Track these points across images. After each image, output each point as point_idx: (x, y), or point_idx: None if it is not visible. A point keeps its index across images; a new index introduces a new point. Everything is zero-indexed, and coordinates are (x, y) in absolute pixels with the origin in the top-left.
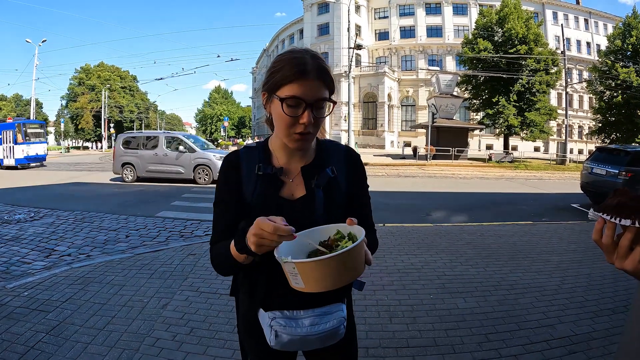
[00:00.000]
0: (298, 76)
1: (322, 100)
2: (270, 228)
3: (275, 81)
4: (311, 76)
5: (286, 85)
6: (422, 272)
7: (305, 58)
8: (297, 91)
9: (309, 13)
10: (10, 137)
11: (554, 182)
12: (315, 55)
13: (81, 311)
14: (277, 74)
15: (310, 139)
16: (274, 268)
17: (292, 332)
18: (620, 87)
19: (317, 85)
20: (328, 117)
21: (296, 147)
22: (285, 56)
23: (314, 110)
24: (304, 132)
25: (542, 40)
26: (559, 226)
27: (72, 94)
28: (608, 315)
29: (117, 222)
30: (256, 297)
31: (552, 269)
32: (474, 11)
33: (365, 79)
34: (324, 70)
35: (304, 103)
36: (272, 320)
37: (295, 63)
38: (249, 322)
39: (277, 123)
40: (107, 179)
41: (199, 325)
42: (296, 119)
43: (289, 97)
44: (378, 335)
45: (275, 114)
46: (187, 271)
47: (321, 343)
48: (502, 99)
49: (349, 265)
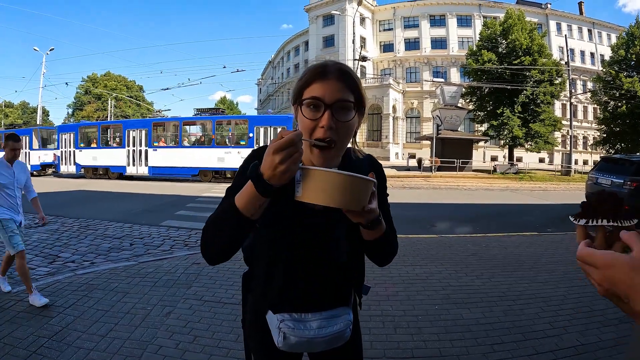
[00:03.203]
0: (317, 77)
1: (344, 102)
2: (292, 137)
3: (298, 88)
4: (331, 76)
5: (307, 88)
6: (427, 282)
7: (326, 62)
8: (316, 92)
9: (314, 25)
10: (27, 143)
11: (559, 193)
12: (338, 62)
13: (84, 317)
14: (301, 80)
15: (332, 154)
16: (291, 267)
17: (300, 334)
18: (625, 96)
19: (338, 87)
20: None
21: (317, 154)
22: (310, 65)
23: (334, 112)
24: (324, 140)
25: (546, 51)
26: (565, 236)
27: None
28: (615, 325)
29: (121, 230)
30: (268, 297)
31: (558, 279)
32: (478, 23)
33: (370, 90)
34: (346, 73)
35: (322, 104)
36: (280, 322)
37: (316, 66)
38: (257, 322)
39: (302, 131)
40: (113, 187)
41: (202, 333)
42: (316, 123)
43: (308, 98)
44: (383, 346)
45: (300, 122)
46: (191, 280)
47: (327, 345)
48: (506, 110)
49: (349, 190)
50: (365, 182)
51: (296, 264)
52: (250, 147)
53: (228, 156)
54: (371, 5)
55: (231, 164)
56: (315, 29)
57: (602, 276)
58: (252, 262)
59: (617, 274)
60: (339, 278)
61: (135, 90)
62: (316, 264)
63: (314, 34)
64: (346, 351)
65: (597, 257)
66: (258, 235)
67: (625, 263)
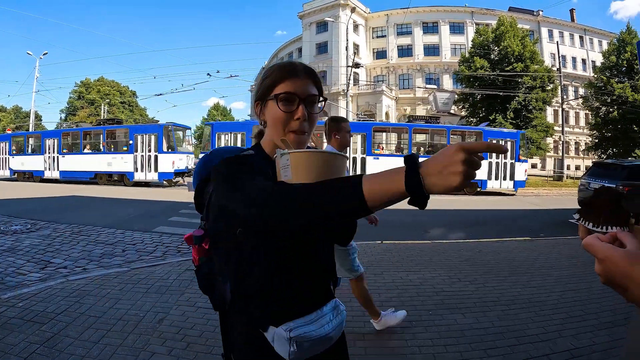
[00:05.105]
0: (289, 75)
1: (313, 96)
2: (483, 146)
3: (267, 85)
4: (301, 74)
5: (278, 85)
6: (421, 288)
7: (293, 62)
8: (289, 87)
9: (307, 32)
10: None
11: (551, 199)
12: (301, 62)
13: (76, 324)
14: (268, 78)
15: (305, 138)
16: (287, 273)
17: (314, 335)
18: (616, 102)
19: (307, 83)
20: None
21: (294, 143)
22: (273, 66)
23: (307, 105)
24: (299, 130)
25: (537, 57)
26: (557, 241)
27: (72, 108)
28: (608, 328)
29: (113, 236)
30: (267, 312)
31: (551, 284)
32: (470, 30)
33: (363, 97)
34: (312, 71)
35: (297, 98)
36: (289, 332)
37: (284, 65)
38: (255, 343)
39: (272, 125)
40: (105, 193)
41: (195, 340)
42: (291, 115)
43: (283, 93)
44: (377, 352)
45: (270, 116)
46: (183, 286)
47: (336, 336)
48: (499, 117)
49: (332, 166)
50: (344, 158)
51: (292, 269)
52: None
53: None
54: (364, 13)
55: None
56: (308, 36)
57: (601, 268)
58: (240, 280)
59: (614, 266)
60: (325, 273)
61: (129, 95)
62: (307, 263)
63: (307, 40)
64: (338, 348)
65: (597, 249)
66: (247, 248)
67: (622, 256)
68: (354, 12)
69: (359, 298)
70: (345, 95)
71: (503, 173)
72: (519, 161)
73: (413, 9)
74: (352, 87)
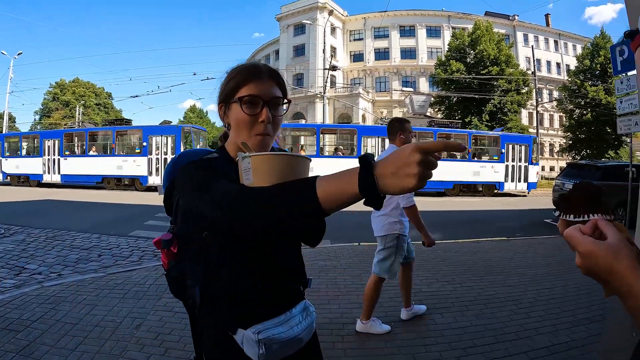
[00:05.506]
0: (253, 77)
1: (277, 98)
2: (440, 145)
3: (230, 88)
4: (265, 77)
5: (242, 87)
6: (399, 289)
7: (257, 63)
8: (253, 90)
9: (285, 34)
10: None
11: (527, 199)
12: (265, 64)
13: (52, 331)
14: (232, 81)
15: (270, 138)
16: (256, 274)
17: (285, 336)
18: (590, 105)
19: (271, 85)
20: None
21: (258, 146)
22: (236, 67)
23: (271, 108)
24: (264, 133)
25: (513, 61)
26: (533, 241)
27: (46, 109)
28: (585, 324)
29: (89, 240)
30: (235, 314)
31: (527, 282)
32: (447, 34)
33: (340, 99)
34: (276, 73)
35: (261, 101)
36: (257, 334)
37: (248, 67)
38: (224, 346)
39: (236, 127)
40: (81, 197)
41: (173, 345)
42: (255, 118)
43: (247, 96)
44: (356, 353)
45: (234, 119)
46: (160, 291)
47: (307, 337)
48: (474, 119)
49: (294, 169)
50: (307, 160)
51: (258, 271)
52: None
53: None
54: (342, 15)
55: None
56: (286, 38)
57: (582, 262)
58: (208, 283)
59: (596, 260)
60: (293, 274)
61: (104, 97)
62: (273, 265)
63: (284, 43)
64: (311, 349)
65: (578, 242)
66: (214, 251)
67: (604, 251)
68: (332, 15)
69: (401, 282)
70: (322, 98)
71: (518, 175)
72: (531, 164)
73: (390, 12)
74: (329, 89)
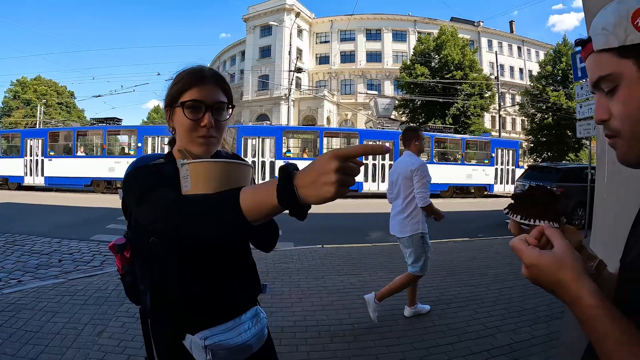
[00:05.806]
0: (196, 82)
1: (221, 103)
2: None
3: (174, 92)
4: (208, 81)
5: (186, 92)
6: (362, 291)
7: (202, 67)
8: (196, 95)
9: (251, 35)
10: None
11: (488, 200)
12: (211, 68)
13: (12, 340)
14: (176, 85)
15: (214, 143)
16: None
17: (233, 342)
18: (551, 109)
19: (215, 90)
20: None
21: (201, 151)
22: (182, 71)
23: (214, 113)
24: (206, 137)
25: (477, 66)
26: (495, 241)
27: (7, 108)
28: (546, 322)
29: (49, 245)
30: (183, 320)
31: (489, 281)
32: (412, 38)
33: (305, 102)
34: (221, 77)
35: (203, 106)
36: (204, 340)
37: (192, 72)
38: (174, 351)
39: (180, 131)
40: (42, 200)
41: (136, 352)
42: (197, 122)
43: (189, 101)
44: (320, 355)
45: (178, 123)
46: (122, 297)
47: (257, 344)
48: (438, 122)
49: (232, 176)
50: (248, 167)
51: (206, 277)
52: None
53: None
54: (309, 18)
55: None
56: (252, 39)
57: (528, 273)
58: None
59: (541, 273)
60: (242, 280)
61: (66, 96)
62: (221, 271)
63: (250, 44)
64: (268, 349)
65: (523, 255)
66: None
67: (548, 262)
68: (299, 17)
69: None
70: (287, 100)
71: (506, 177)
72: (518, 167)
73: (357, 15)
74: (294, 91)
